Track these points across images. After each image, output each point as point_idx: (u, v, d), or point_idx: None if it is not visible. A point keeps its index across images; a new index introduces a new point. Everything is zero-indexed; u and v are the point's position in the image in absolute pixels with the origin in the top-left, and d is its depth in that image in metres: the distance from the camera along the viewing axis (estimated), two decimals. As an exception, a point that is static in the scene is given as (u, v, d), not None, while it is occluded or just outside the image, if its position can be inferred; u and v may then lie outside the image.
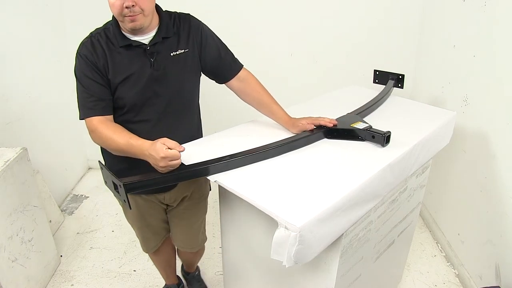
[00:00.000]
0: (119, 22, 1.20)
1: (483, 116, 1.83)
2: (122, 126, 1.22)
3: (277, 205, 0.96)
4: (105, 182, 1.09)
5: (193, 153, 1.22)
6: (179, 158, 1.05)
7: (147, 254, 2.02)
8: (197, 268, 2.03)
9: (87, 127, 1.23)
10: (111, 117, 1.24)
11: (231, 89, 1.44)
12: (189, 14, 1.34)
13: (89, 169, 3.18)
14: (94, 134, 1.21)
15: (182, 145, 1.07)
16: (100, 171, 1.10)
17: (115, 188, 1.03)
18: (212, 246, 2.23)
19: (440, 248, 2.26)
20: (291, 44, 2.72)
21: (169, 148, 1.03)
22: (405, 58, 2.67)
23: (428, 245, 2.30)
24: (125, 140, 1.15)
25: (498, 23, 1.71)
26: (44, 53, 2.50)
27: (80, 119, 1.24)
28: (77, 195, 2.81)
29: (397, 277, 1.94)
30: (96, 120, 1.20)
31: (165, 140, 1.06)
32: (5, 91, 2.09)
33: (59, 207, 2.56)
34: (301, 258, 0.95)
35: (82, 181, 3.01)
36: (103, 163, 1.39)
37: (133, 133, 1.19)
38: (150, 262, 2.13)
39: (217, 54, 1.35)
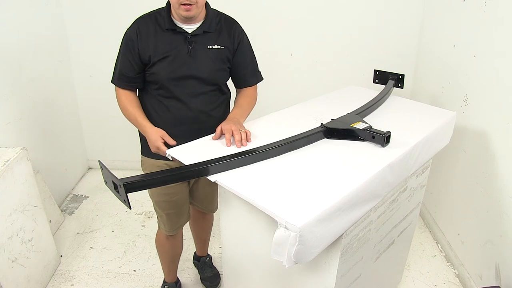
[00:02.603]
0: (174, 9, 1.36)
1: (483, 116, 1.83)
2: (158, 100, 1.44)
3: (277, 205, 0.96)
4: (105, 182, 1.09)
5: (193, 153, 1.23)
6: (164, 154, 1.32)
7: (147, 254, 2.02)
8: (208, 255, 2.08)
9: (115, 87, 1.47)
10: (131, 91, 1.47)
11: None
12: (235, 20, 1.52)
13: (89, 169, 3.18)
14: (117, 95, 1.47)
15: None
16: (100, 171, 1.10)
17: (115, 188, 1.03)
18: (212, 246, 2.22)
19: (440, 248, 2.26)
20: (291, 44, 2.72)
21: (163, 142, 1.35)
22: (405, 58, 2.67)
23: (428, 245, 2.30)
24: (133, 115, 1.43)
25: (498, 23, 1.71)
26: (44, 53, 2.50)
27: (111, 81, 1.47)
28: (77, 195, 2.81)
29: (397, 277, 1.94)
30: (120, 90, 1.46)
31: (165, 135, 1.37)
32: (5, 91, 2.09)
33: (59, 207, 2.56)
34: (301, 258, 0.95)
35: (82, 181, 3.01)
36: (138, 131, 1.55)
37: (167, 108, 1.44)
38: (150, 262, 2.13)
39: (241, 65, 1.52)
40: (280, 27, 2.68)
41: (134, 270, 2.09)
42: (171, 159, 1.25)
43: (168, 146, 1.33)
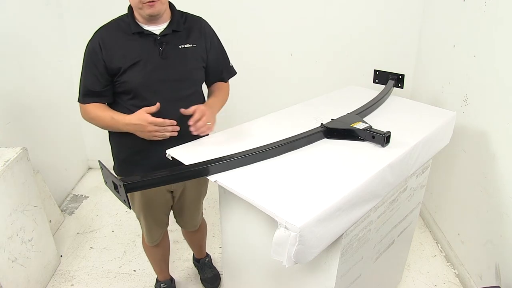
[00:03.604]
0: (137, 10, 1.28)
1: (483, 116, 1.83)
2: (131, 111, 1.30)
3: (277, 205, 0.96)
4: (105, 182, 1.09)
5: (193, 153, 1.23)
6: (165, 124, 1.24)
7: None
8: (208, 255, 2.07)
9: (79, 106, 1.38)
10: (100, 104, 1.36)
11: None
12: (201, 17, 1.46)
13: (89, 169, 3.18)
14: (84, 113, 1.37)
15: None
16: (100, 171, 1.10)
17: (115, 188, 1.03)
18: (212, 246, 2.23)
19: (440, 248, 2.26)
20: (291, 44, 2.72)
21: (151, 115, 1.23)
22: (405, 58, 2.67)
23: (428, 245, 2.30)
24: (109, 116, 1.30)
25: (498, 23, 1.71)
26: (44, 53, 2.50)
27: (77, 101, 1.38)
28: (77, 195, 2.81)
29: (397, 277, 1.94)
30: (86, 106, 1.36)
31: (146, 108, 1.24)
32: (5, 91, 2.09)
33: (59, 207, 2.56)
34: (301, 258, 0.95)
35: (82, 181, 3.02)
36: (111, 150, 1.50)
37: None
38: (150, 262, 2.13)
39: (216, 62, 1.48)
40: (280, 27, 2.68)
41: (134, 270, 2.09)
42: (170, 159, 1.25)
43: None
